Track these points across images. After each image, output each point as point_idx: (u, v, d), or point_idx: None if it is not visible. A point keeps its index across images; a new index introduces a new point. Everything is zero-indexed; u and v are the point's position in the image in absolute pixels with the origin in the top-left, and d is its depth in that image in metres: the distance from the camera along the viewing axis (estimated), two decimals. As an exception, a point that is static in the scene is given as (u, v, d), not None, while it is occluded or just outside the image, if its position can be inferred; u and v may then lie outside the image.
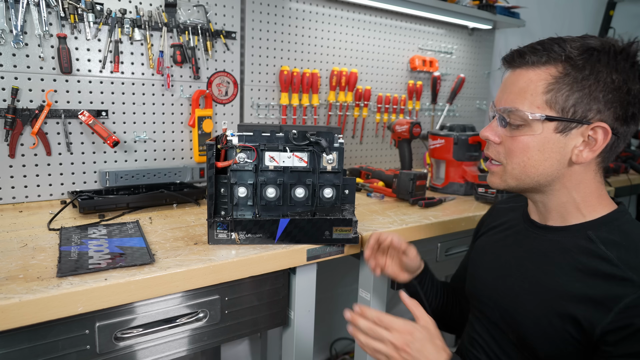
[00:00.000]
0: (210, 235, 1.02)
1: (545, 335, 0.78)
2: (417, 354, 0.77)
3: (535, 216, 0.89)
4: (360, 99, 2.01)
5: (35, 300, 0.74)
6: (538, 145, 0.78)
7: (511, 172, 0.83)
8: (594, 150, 0.77)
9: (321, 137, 1.03)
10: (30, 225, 1.13)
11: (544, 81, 0.76)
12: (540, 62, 0.77)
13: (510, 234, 0.95)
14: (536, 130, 0.78)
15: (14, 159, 1.31)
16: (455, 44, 2.37)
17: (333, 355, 2.17)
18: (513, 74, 0.81)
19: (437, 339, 0.80)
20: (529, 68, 0.78)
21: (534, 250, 0.86)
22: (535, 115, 0.76)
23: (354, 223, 1.05)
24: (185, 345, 0.96)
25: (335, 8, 1.90)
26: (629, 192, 2.25)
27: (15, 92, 1.27)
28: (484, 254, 0.98)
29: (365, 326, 0.82)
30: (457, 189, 1.70)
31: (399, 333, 0.80)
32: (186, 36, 1.52)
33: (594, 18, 3.21)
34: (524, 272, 0.85)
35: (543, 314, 0.79)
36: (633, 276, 0.70)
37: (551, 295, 0.78)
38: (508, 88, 0.81)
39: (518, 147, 0.80)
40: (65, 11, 1.30)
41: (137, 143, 1.51)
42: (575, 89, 0.75)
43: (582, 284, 0.75)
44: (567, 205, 0.82)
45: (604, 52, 0.75)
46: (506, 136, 0.82)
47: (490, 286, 0.92)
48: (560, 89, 0.75)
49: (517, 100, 0.79)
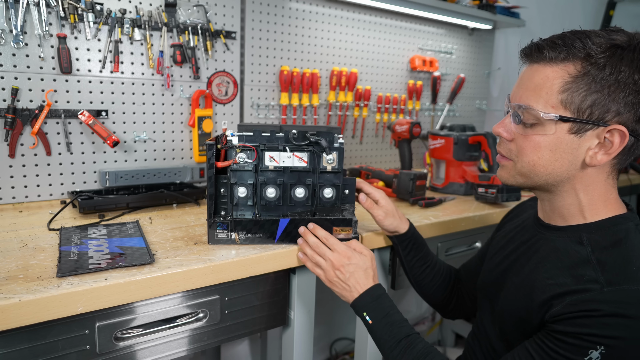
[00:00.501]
0: (210, 235, 1.02)
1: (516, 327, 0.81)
2: (348, 275, 0.94)
3: (541, 214, 0.89)
4: (360, 99, 2.01)
5: (35, 300, 0.74)
6: (550, 146, 0.76)
7: (520, 170, 0.81)
8: (609, 153, 0.73)
9: (321, 137, 1.03)
10: (30, 225, 1.13)
11: (561, 79, 0.73)
12: (559, 58, 0.73)
13: (520, 230, 0.95)
14: (549, 130, 0.75)
15: (14, 159, 1.31)
16: (455, 44, 2.37)
17: (333, 355, 2.17)
18: (530, 69, 0.78)
19: (370, 269, 0.96)
20: (547, 64, 0.75)
21: (531, 247, 0.86)
22: (548, 116, 0.73)
23: (354, 223, 1.05)
24: (185, 345, 0.96)
25: (335, 8, 1.90)
26: (629, 192, 2.26)
27: (15, 92, 1.27)
28: (494, 249, 0.99)
29: (314, 242, 0.99)
30: (457, 189, 1.70)
31: (339, 254, 0.96)
32: (186, 36, 1.52)
33: (594, 18, 3.21)
34: (519, 268, 0.86)
35: (517, 311, 0.80)
36: (600, 277, 0.70)
37: (528, 290, 0.79)
38: (524, 84, 0.78)
39: (529, 146, 0.78)
40: (65, 11, 1.30)
41: (137, 143, 1.51)
42: (594, 90, 0.71)
43: (553, 282, 0.75)
44: (571, 207, 0.81)
45: (629, 49, 0.70)
46: (518, 133, 0.79)
47: (490, 281, 0.94)
48: (577, 88, 0.71)
49: (532, 98, 0.76)
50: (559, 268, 0.77)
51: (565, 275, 0.74)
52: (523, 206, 1.05)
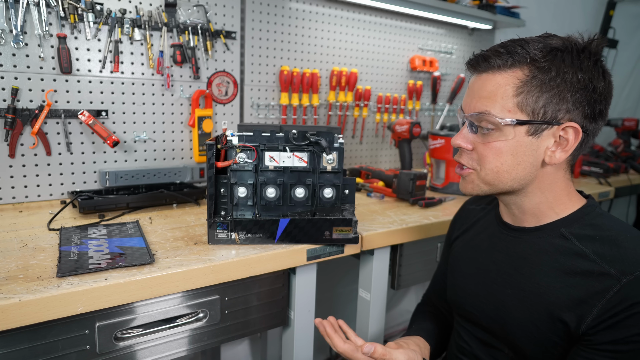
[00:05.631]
0: (210, 235, 1.02)
1: (534, 340, 0.79)
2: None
3: (508, 218, 0.88)
4: (360, 99, 2.01)
5: (35, 300, 0.74)
6: (511, 150, 0.78)
7: (484, 178, 0.81)
8: (566, 150, 0.77)
9: (321, 137, 1.03)
10: (30, 225, 1.12)
11: (512, 85, 0.75)
12: (506, 65, 0.76)
13: (484, 237, 0.94)
14: (508, 135, 0.77)
15: (14, 159, 1.31)
16: (455, 44, 2.37)
17: (333, 355, 2.17)
18: (479, 79, 0.80)
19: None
20: (495, 72, 0.77)
21: (511, 253, 0.85)
22: (506, 121, 0.75)
23: (354, 223, 1.05)
24: (185, 345, 0.96)
25: (335, 8, 1.90)
26: (629, 192, 2.25)
27: (15, 92, 1.27)
28: (462, 261, 0.97)
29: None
30: (457, 189, 1.70)
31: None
32: (186, 36, 1.52)
33: (594, 18, 3.21)
34: (505, 277, 0.85)
35: (530, 321, 0.79)
36: (610, 269, 0.71)
37: (536, 300, 0.78)
38: (476, 93, 0.79)
39: (491, 153, 0.79)
40: (65, 11, 1.30)
41: (137, 143, 1.51)
42: (544, 90, 0.74)
43: (563, 284, 0.76)
44: (541, 205, 0.82)
45: (567, 51, 0.74)
46: (478, 142, 0.80)
47: (472, 293, 0.91)
48: (529, 91, 0.74)
49: (488, 105, 0.77)
50: (557, 269, 0.77)
51: (569, 274, 0.75)
52: (468, 214, 1.03)
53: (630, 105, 3.41)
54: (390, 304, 2.34)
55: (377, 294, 1.27)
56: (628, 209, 2.92)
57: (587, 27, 3.19)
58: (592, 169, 2.24)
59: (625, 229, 0.77)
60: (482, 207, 1.01)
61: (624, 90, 3.38)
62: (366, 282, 1.27)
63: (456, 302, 0.97)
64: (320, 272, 1.15)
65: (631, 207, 2.96)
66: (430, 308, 1.12)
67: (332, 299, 2.11)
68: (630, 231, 0.77)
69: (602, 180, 2.11)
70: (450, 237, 1.07)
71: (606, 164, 2.24)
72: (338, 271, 2.08)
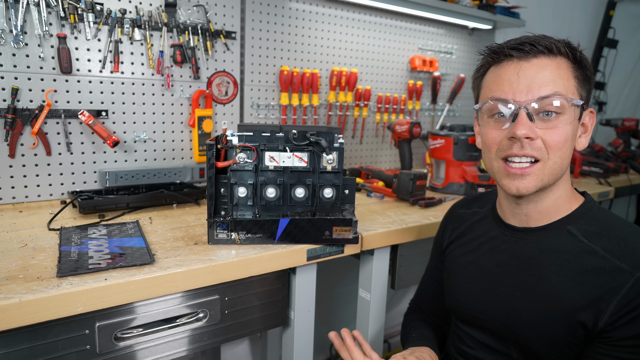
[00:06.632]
0: (210, 235, 1.02)
1: (549, 341, 0.77)
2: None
3: (513, 220, 0.86)
4: (360, 99, 2.01)
5: (35, 300, 0.74)
6: (571, 135, 0.77)
7: (551, 167, 0.76)
8: (587, 135, 0.79)
9: (321, 137, 1.03)
10: (30, 225, 1.13)
11: (567, 68, 0.76)
12: (552, 52, 0.76)
13: (484, 240, 0.91)
14: (569, 119, 0.75)
15: (14, 159, 1.31)
16: (455, 44, 2.37)
17: (333, 355, 2.17)
18: (530, 64, 0.75)
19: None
20: (547, 57, 0.76)
21: (517, 255, 0.84)
22: (578, 101, 0.76)
23: (354, 223, 1.05)
24: (185, 345, 0.96)
25: (335, 8, 1.90)
26: (629, 192, 2.26)
27: (15, 92, 1.27)
28: (460, 265, 0.94)
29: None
30: (457, 189, 1.70)
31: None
32: (186, 36, 1.52)
33: (594, 18, 3.21)
34: (513, 279, 0.83)
35: (544, 322, 0.77)
36: (622, 265, 0.72)
37: (549, 300, 0.77)
38: (536, 77, 0.74)
39: (561, 138, 0.75)
40: (65, 11, 1.30)
41: (137, 143, 1.51)
42: (587, 76, 0.78)
43: (575, 282, 0.75)
44: (559, 200, 0.81)
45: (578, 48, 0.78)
46: (543, 130, 0.75)
47: (476, 297, 0.89)
48: (578, 76, 0.77)
49: (556, 87, 0.74)
50: (568, 268, 0.76)
51: (581, 272, 0.75)
52: (459, 218, 1.00)
53: (630, 105, 3.41)
54: (390, 304, 2.34)
55: (377, 293, 1.27)
56: (628, 209, 2.92)
57: (587, 27, 3.20)
58: (592, 169, 2.24)
59: (627, 223, 0.78)
60: (474, 211, 0.98)
61: (624, 90, 3.38)
62: (366, 282, 1.27)
63: (456, 307, 0.94)
64: (320, 272, 1.15)
65: (631, 207, 2.96)
66: (422, 315, 1.11)
67: (332, 299, 2.11)
68: (632, 225, 0.77)
69: (602, 180, 2.11)
70: (441, 243, 1.03)
71: (606, 164, 2.24)
72: (338, 271, 2.08)
